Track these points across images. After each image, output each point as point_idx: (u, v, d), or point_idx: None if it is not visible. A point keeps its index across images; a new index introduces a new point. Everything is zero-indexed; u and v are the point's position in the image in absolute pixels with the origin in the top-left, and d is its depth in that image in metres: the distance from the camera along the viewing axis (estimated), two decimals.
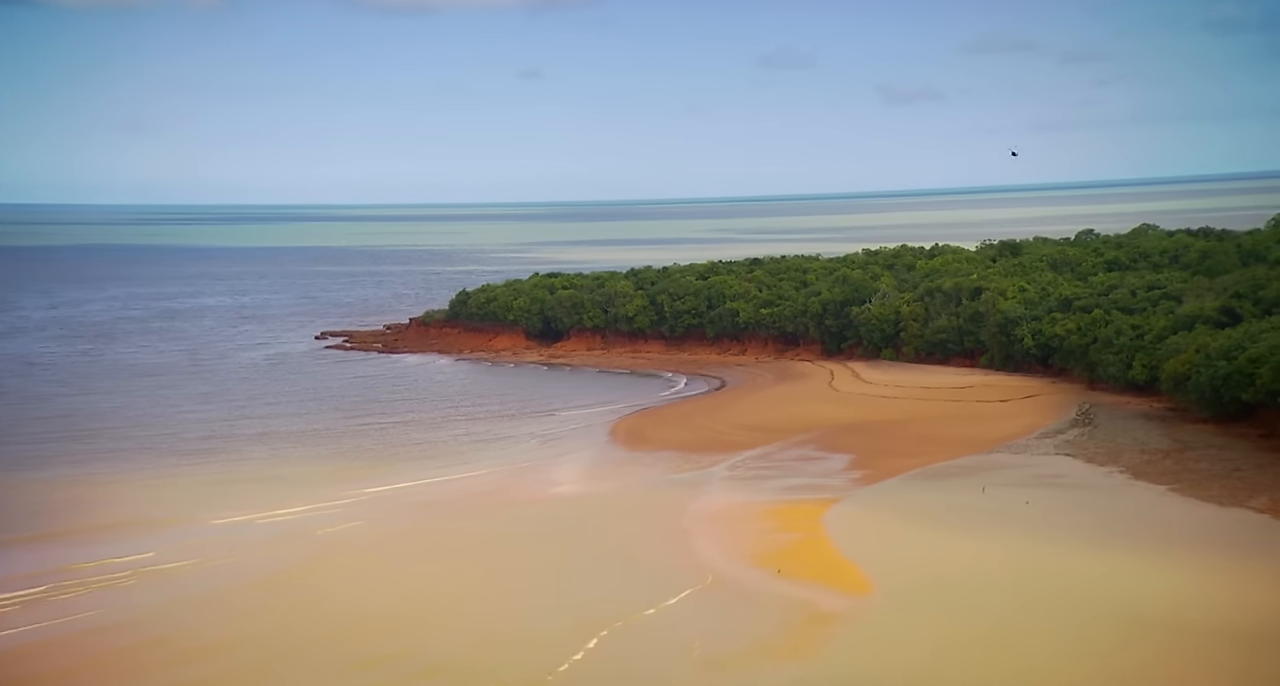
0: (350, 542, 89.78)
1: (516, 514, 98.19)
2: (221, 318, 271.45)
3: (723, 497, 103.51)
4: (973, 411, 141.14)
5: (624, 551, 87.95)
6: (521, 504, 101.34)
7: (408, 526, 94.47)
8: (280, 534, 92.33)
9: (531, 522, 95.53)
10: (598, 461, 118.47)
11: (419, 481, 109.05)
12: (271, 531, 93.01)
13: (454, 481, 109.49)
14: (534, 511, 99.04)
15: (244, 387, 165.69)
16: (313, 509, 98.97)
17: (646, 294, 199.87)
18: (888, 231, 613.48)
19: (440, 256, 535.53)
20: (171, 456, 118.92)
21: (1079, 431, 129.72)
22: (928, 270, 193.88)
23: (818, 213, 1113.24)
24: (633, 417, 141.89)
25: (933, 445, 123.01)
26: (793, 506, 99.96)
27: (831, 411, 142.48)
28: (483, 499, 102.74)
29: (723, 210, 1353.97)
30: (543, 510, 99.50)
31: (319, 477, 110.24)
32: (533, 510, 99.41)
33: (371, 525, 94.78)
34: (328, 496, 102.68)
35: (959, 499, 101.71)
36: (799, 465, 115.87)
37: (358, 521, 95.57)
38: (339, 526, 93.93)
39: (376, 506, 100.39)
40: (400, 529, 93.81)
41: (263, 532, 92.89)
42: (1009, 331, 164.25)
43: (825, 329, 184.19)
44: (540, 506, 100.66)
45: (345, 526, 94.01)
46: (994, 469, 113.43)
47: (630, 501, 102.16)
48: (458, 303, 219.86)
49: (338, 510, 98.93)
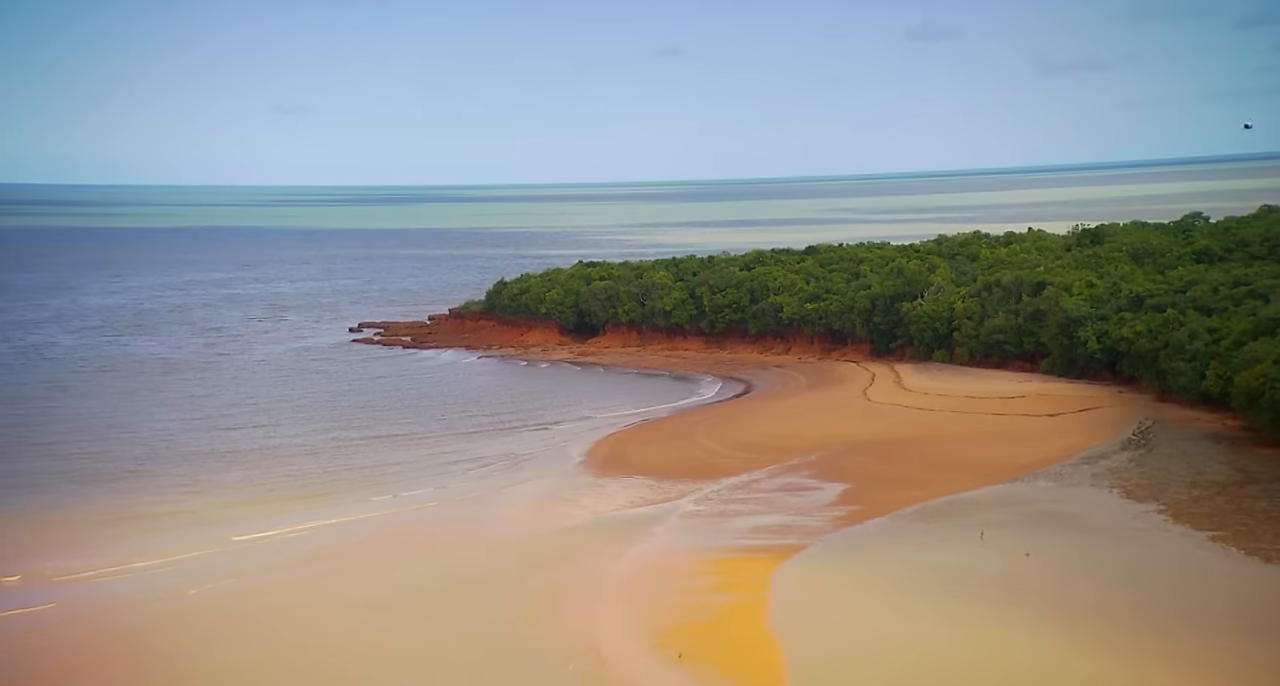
0: (189, 614, 75.18)
1: (412, 566, 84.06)
2: (273, 305, 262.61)
3: (670, 541, 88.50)
4: (1013, 428, 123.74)
5: (510, 622, 73.32)
6: (428, 551, 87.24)
7: (275, 585, 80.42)
8: (109, 599, 77.60)
9: (421, 581, 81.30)
10: (553, 491, 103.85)
11: (332, 520, 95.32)
12: (104, 593, 78.87)
13: (372, 519, 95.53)
14: (436, 562, 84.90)
15: (235, 390, 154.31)
16: (180, 559, 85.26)
17: (686, 285, 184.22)
18: (1007, 211, 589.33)
19: (542, 239, 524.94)
20: (83, 483, 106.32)
21: (1128, 456, 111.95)
22: (991, 261, 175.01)
23: (951, 190, 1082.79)
24: (625, 432, 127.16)
25: (948, 471, 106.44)
26: (745, 557, 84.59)
27: (851, 426, 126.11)
28: (387, 545, 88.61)
29: (855, 188, 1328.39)
30: (447, 561, 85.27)
31: (224, 513, 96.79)
32: (435, 561, 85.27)
33: (237, 583, 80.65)
34: (214, 541, 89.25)
35: (947, 549, 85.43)
36: (780, 497, 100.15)
37: (226, 579, 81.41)
38: (196, 587, 79.55)
39: (260, 555, 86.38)
40: (264, 589, 79.75)
41: (93, 596, 78.44)
42: (1071, 333, 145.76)
43: (874, 327, 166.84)
44: (448, 555, 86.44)
45: (203, 588, 79.30)
46: (1007, 504, 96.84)
47: (558, 547, 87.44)
48: (493, 294, 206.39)
49: (212, 560, 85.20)
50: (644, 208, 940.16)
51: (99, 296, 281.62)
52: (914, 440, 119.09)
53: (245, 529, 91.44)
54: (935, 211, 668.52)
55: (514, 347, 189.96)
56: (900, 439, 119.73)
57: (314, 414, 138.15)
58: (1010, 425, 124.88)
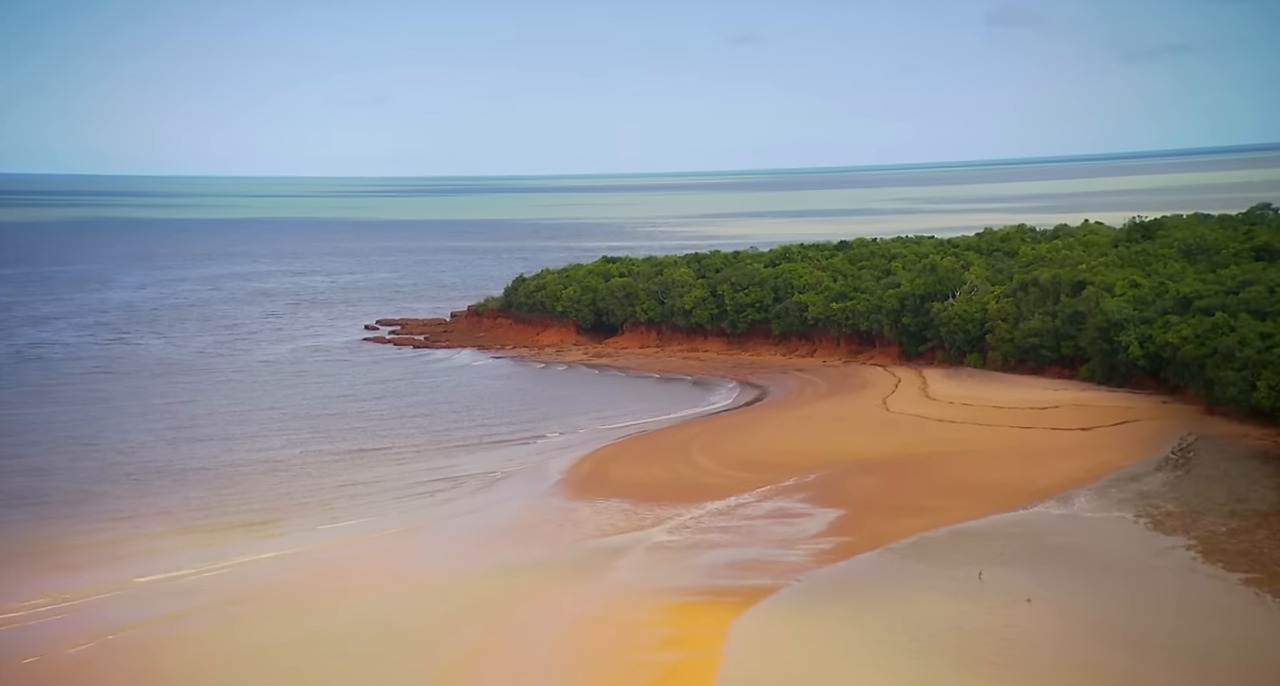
0: (55, 677, 66.02)
1: (331, 613, 74.38)
2: (299, 300, 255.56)
3: (627, 581, 78.94)
4: (1040, 443, 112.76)
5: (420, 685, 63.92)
6: (356, 593, 77.57)
7: (165, 639, 70.24)
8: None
9: (334, 631, 71.59)
10: (515, 518, 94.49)
11: (266, 554, 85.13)
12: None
13: (307, 553, 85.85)
14: (360, 608, 75.20)
15: (220, 396, 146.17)
16: (75, 605, 74.75)
17: (708, 283, 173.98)
18: (1072, 200, 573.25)
19: (599, 230, 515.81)
20: (7, 507, 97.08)
21: (1163, 477, 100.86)
22: (1030, 258, 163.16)
23: (1023, 179, 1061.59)
24: (617, 445, 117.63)
25: (957, 496, 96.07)
26: (706, 602, 74.93)
27: (861, 441, 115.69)
28: (312, 586, 78.85)
29: (929, 177, 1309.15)
30: (372, 606, 75.43)
31: (147, 545, 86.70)
32: (359, 606, 75.56)
33: (124, 638, 70.50)
34: (118, 582, 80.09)
35: (938, 593, 75.18)
36: (764, 526, 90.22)
37: (117, 631, 71.50)
38: (80, 642, 69.18)
39: (163, 600, 76.02)
40: (153, 643, 69.74)
41: None
42: (1112, 337, 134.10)
43: (903, 328, 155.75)
44: (375, 598, 76.68)
45: (82, 646, 68.29)
46: (1015, 536, 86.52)
47: (500, 589, 77.92)
48: (511, 291, 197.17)
49: (108, 606, 75.15)
50: (709, 198, 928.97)
51: (129, 290, 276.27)
52: (926, 457, 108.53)
53: (160, 566, 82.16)
54: (1002, 201, 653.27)
55: (528, 348, 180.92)
56: (912, 456, 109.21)
57: (293, 424, 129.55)
58: (1036, 440, 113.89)
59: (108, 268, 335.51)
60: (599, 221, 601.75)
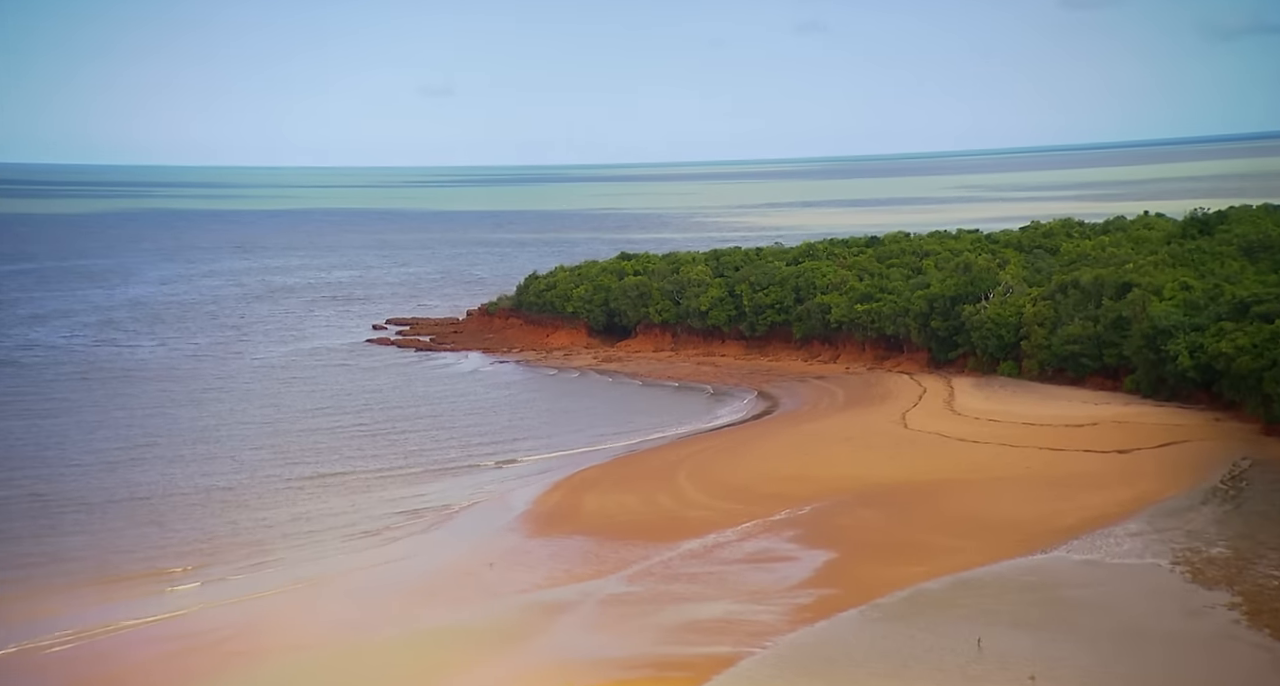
0: None
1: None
2: (312, 298, 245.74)
3: (562, 648, 67.60)
4: (1070, 469, 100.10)
5: None
6: (234, 668, 66.34)
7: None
8: None
9: None
10: (459, 562, 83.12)
11: (150, 617, 72.13)
12: None
13: (199, 614, 73.26)
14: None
15: (192, 408, 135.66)
16: None
17: (726, 282, 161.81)
18: (1142, 188, 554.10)
19: (647, 221, 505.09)
20: None
21: (1210, 513, 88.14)
22: (1073, 256, 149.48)
23: (1095, 165, 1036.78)
24: (595, 470, 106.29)
25: (966, 535, 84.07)
26: (652, 679, 63.22)
27: (870, 464, 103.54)
28: (186, 659, 66.90)
29: (996, 163, 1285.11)
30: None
31: (15, 607, 75.19)
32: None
33: None
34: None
35: (928, 667, 63.25)
36: (740, 573, 78.58)
37: None
38: None
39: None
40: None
41: None
42: (1159, 345, 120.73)
43: (931, 333, 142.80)
44: (253, 676, 65.48)
45: None
46: (1027, 589, 74.56)
47: (406, 659, 66.58)
48: (522, 289, 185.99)
49: None
50: (771, 186, 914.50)
51: (146, 286, 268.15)
52: (939, 485, 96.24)
53: (15, 634, 70.28)
54: (1064, 189, 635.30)
55: (536, 351, 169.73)
56: (923, 484, 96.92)
57: (256, 442, 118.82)
58: (1066, 465, 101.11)
59: (137, 261, 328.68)
60: (651, 211, 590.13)
